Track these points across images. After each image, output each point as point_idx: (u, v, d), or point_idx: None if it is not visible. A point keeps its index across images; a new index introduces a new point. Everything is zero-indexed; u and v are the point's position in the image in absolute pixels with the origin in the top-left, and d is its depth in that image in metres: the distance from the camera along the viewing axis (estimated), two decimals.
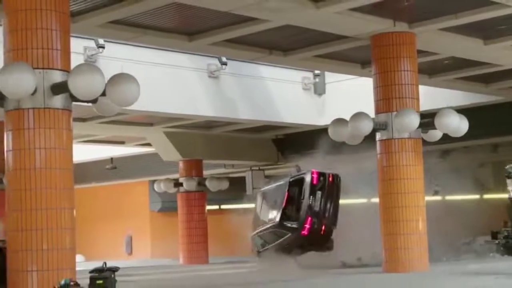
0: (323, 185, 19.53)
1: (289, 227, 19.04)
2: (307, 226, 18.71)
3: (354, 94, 22.53)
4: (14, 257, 11.86)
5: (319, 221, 19.01)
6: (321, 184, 19.43)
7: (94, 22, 15.45)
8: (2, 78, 11.64)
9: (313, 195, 19.15)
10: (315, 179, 19.30)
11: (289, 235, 19.05)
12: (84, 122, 22.94)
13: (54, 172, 11.95)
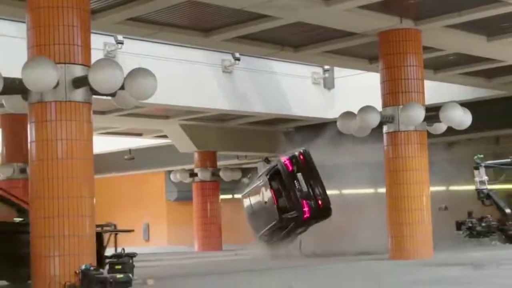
0: (298, 166, 19.10)
1: (290, 217, 18.90)
2: (306, 209, 18.59)
3: (362, 88, 22.52)
4: (37, 243, 11.92)
5: (313, 199, 18.82)
6: (297, 166, 19.01)
7: (113, 19, 15.48)
8: (26, 73, 11.69)
9: (295, 179, 18.90)
10: (289, 165, 18.98)
11: (294, 224, 18.98)
12: (103, 115, 23.01)
13: (75, 162, 11.99)
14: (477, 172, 13.35)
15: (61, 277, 11.51)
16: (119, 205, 36.28)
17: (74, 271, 11.53)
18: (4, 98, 12.71)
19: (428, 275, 12.55)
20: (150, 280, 12.30)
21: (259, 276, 14.06)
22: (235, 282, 12.89)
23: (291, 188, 18.61)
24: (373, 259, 16.87)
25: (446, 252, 17.65)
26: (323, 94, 24.98)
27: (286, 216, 18.82)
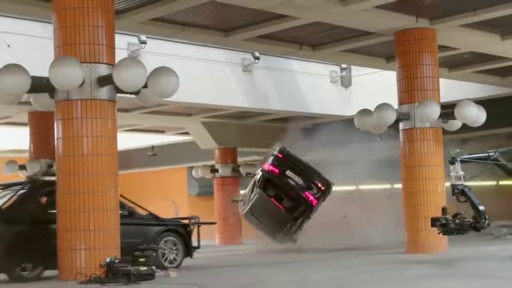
0: (283, 165, 18.32)
1: (301, 212, 18.66)
2: (311, 199, 18.38)
3: (378, 86, 22.43)
4: (63, 236, 11.96)
5: (313, 185, 18.58)
6: (281, 166, 18.27)
7: (136, 19, 15.48)
8: (53, 72, 11.73)
9: (287, 178, 18.65)
10: (274, 168, 18.11)
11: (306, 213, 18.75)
12: (127, 113, 23.05)
13: (100, 158, 12.02)
14: (453, 167, 12.65)
15: (87, 270, 11.55)
16: (142, 200, 36.28)
17: (99, 263, 11.56)
18: (32, 96, 12.76)
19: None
20: (173, 273, 12.28)
21: (277, 268, 14.02)
22: (255, 274, 12.85)
23: (288, 188, 18.18)
24: (388, 253, 16.78)
25: (460, 246, 17.53)
26: (341, 92, 24.89)
27: (297, 214, 18.64)
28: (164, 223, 15.03)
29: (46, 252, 12.45)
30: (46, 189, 13.54)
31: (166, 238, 14.69)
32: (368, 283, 10.74)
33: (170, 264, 14.43)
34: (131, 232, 13.58)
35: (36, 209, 13.38)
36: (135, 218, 14.46)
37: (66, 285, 11.25)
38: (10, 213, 12.91)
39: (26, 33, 17.18)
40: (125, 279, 11.11)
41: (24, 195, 13.45)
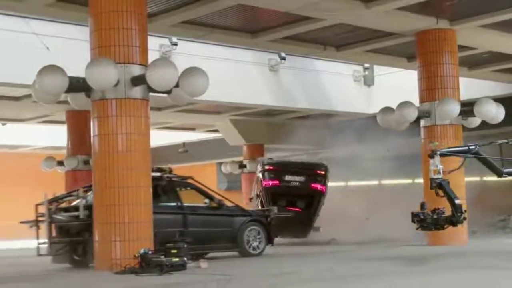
0: (277, 174, 18.53)
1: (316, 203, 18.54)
2: (319, 187, 18.33)
3: (400, 85, 22.31)
4: (100, 229, 12.05)
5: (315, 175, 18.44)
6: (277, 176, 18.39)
7: (168, 22, 15.54)
8: (89, 72, 11.81)
9: (289, 182, 18.49)
10: (273, 182, 18.13)
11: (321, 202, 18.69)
12: (160, 111, 23.16)
13: (133, 155, 12.08)
14: (432, 161, 12.05)
15: (122, 261, 11.62)
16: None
17: (134, 255, 11.63)
18: (70, 95, 12.85)
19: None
20: (204, 263, 12.31)
21: (306, 259, 14.00)
22: (285, 264, 12.85)
23: (295, 190, 18.14)
24: (408, 246, 16.70)
25: (480, 239, 17.41)
26: (363, 91, 24.80)
27: (314, 207, 18.59)
28: (249, 214, 15.82)
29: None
30: None
31: (251, 228, 15.35)
32: (393, 273, 10.71)
33: (253, 250, 15.24)
34: (221, 222, 14.90)
35: None
36: (224, 210, 15.16)
37: (103, 275, 11.33)
38: None
39: (64, 36, 17.31)
40: (158, 270, 11.16)
41: None
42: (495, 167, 12.51)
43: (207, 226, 14.70)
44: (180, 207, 14.42)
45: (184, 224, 14.19)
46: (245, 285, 9.81)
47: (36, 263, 14.13)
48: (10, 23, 16.71)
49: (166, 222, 13.70)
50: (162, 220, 13.39)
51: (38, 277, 11.51)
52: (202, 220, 14.70)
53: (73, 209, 13.74)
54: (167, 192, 14.51)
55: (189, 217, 14.35)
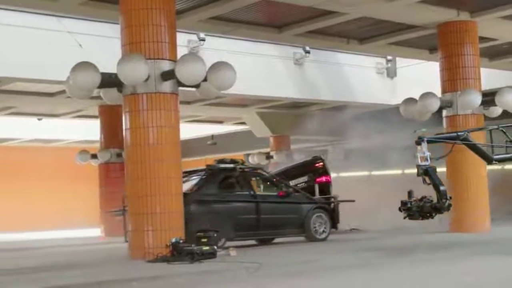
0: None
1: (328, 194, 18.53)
2: (324, 179, 18.27)
3: (422, 76, 22.15)
4: (133, 219, 12.12)
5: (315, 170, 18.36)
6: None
7: (195, 18, 15.53)
8: (121, 68, 11.85)
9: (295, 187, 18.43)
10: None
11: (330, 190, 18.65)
12: (189, 105, 23.21)
13: (164, 147, 12.12)
14: (419, 148, 11.50)
15: (154, 249, 11.67)
16: None
17: (165, 244, 11.67)
18: (102, 91, 12.90)
19: None
20: (233, 252, 12.32)
21: (330, 246, 13.98)
22: (310, 252, 12.82)
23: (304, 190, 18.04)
24: (431, 233, 16.58)
25: (502, 226, 17.25)
26: (386, 83, 24.63)
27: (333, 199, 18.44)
28: (315, 201, 16.30)
29: (226, 226, 14.17)
30: (222, 174, 15.03)
31: (317, 214, 15.91)
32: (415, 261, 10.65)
33: (319, 236, 15.80)
34: (289, 209, 15.56)
35: (216, 191, 14.76)
36: (292, 198, 15.75)
37: (136, 263, 11.38)
38: (197, 195, 14.30)
39: (96, 33, 17.36)
40: (189, 258, 11.19)
41: (205, 180, 14.82)
42: (485, 153, 11.94)
43: (277, 213, 15.31)
44: (252, 195, 15.13)
45: (257, 211, 14.90)
46: (273, 272, 9.81)
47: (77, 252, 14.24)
48: (44, 22, 16.80)
49: (241, 210, 14.75)
50: (237, 208, 14.68)
51: (71, 266, 11.58)
52: (273, 208, 15.30)
53: None
54: (240, 182, 15.24)
55: (261, 205, 15.01)
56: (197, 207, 14.00)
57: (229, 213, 14.48)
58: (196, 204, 14.06)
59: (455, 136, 12.01)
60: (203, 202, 14.26)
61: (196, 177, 15.09)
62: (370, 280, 8.77)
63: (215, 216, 14.18)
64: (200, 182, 14.70)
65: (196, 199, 14.14)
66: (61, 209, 32.32)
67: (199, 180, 14.80)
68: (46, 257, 14.24)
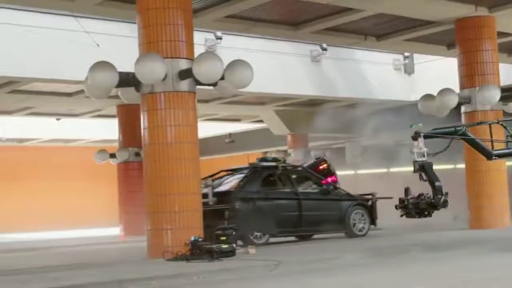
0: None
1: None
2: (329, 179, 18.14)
3: (440, 72, 22.02)
4: (152, 218, 12.13)
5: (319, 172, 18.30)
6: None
7: (212, 17, 15.54)
8: (138, 67, 11.87)
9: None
10: None
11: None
12: (206, 103, 23.22)
13: (182, 146, 12.13)
14: (416, 143, 11.12)
15: (173, 248, 11.68)
16: None
17: (184, 242, 11.68)
18: (120, 90, 12.93)
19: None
20: (252, 249, 12.31)
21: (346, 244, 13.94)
22: (326, 249, 12.79)
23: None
24: (453, 229, 16.49)
25: None
26: (404, 79, 24.51)
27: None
28: (354, 198, 16.36)
29: (270, 223, 14.65)
30: (265, 172, 15.38)
31: (356, 211, 16.10)
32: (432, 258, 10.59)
33: (359, 232, 15.99)
34: (330, 206, 15.78)
35: (259, 189, 15.04)
36: (332, 195, 15.98)
37: (156, 262, 11.40)
38: (242, 192, 14.65)
39: (113, 33, 17.41)
40: (208, 256, 11.20)
41: (249, 178, 15.15)
42: (485, 148, 11.61)
43: (318, 210, 15.54)
44: (294, 192, 15.40)
45: (299, 208, 15.18)
46: (291, 270, 9.79)
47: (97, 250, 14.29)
48: (62, 23, 16.86)
49: (284, 207, 15.09)
50: (280, 205, 15.04)
51: (92, 265, 11.63)
52: (314, 205, 15.55)
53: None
54: (282, 179, 15.54)
55: (302, 202, 15.29)
56: (241, 205, 14.40)
57: (272, 210, 14.84)
58: (240, 201, 14.45)
59: (453, 131, 11.68)
60: (247, 200, 14.60)
61: (239, 175, 15.46)
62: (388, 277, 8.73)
63: (258, 213, 14.62)
64: (243, 180, 15.06)
65: (240, 196, 14.51)
66: (80, 208, 32.49)
67: (243, 178, 15.16)
68: (67, 256, 14.31)
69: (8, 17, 16.31)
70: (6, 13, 16.23)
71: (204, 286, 8.78)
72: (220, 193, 14.60)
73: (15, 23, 16.42)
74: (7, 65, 16.51)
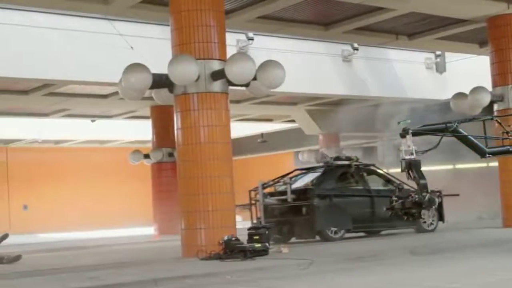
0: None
1: None
2: None
3: (472, 71, 21.80)
4: (186, 217, 12.16)
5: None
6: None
7: (244, 18, 15.55)
8: (171, 69, 11.91)
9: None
10: None
11: None
12: (239, 103, 23.24)
13: (215, 146, 12.14)
14: (404, 140, 10.58)
15: (207, 247, 11.69)
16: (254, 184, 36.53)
17: (218, 241, 11.69)
18: (154, 91, 12.98)
19: None
20: (285, 249, 12.29)
21: (382, 242, 13.86)
22: (360, 248, 12.72)
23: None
24: (486, 227, 16.32)
25: None
26: (436, 78, 24.31)
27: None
28: None
29: (346, 219, 15.13)
30: (339, 170, 15.85)
31: None
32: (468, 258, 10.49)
33: (428, 227, 16.20)
34: None
35: (334, 186, 15.53)
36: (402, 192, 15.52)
37: (190, 261, 11.43)
38: (319, 189, 15.11)
39: (146, 35, 17.53)
40: (241, 255, 11.20)
41: (324, 176, 15.62)
42: (478, 146, 11.19)
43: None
44: (367, 190, 15.79)
45: (372, 205, 15.50)
46: (324, 269, 9.76)
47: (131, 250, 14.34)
48: (96, 26, 17.02)
49: (358, 204, 15.46)
50: (354, 201, 15.45)
51: (127, 264, 11.70)
52: (386, 201, 15.24)
53: (278, 194, 15.33)
54: (356, 177, 15.98)
55: (375, 199, 15.57)
56: (319, 201, 14.92)
57: (348, 206, 15.26)
58: (318, 198, 14.95)
59: (443, 128, 11.20)
60: (324, 197, 15.07)
61: (313, 173, 15.95)
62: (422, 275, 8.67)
63: (335, 209, 15.12)
64: (320, 178, 15.51)
65: (318, 193, 15.00)
66: (115, 208, 32.75)
67: (319, 176, 15.62)
68: (103, 255, 14.42)
69: (45, 21, 16.53)
70: (44, 17, 16.46)
71: (237, 285, 8.78)
72: (298, 190, 15.08)
73: (51, 27, 16.64)
74: (43, 68, 16.72)
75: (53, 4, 14.67)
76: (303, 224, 14.88)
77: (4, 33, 16.18)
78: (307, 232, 14.94)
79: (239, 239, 11.80)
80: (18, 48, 16.29)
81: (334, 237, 14.85)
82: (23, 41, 16.37)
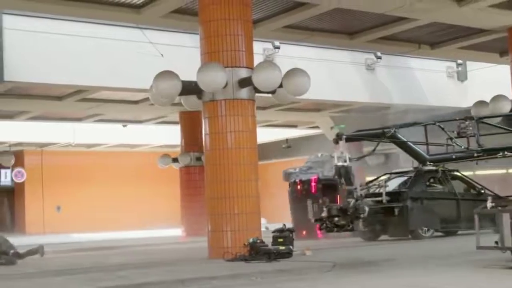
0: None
1: None
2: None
3: (493, 79, 21.62)
4: (213, 220, 12.18)
5: None
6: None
7: (271, 27, 15.58)
8: (200, 76, 11.94)
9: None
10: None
11: None
12: (265, 110, 23.27)
13: (242, 151, 12.14)
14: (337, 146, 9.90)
15: (232, 249, 11.69)
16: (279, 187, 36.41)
17: (243, 243, 11.69)
18: (183, 98, 13.03)
19: None
20: (308, 251, 12.26)
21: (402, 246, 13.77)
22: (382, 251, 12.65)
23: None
24: None
25: None
26: (457, 86, 24.16)
27: None
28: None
29: (435, 220, 15.66)
30: (428, 175, 16.18)
31: None
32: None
33: None
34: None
35: (424, 189, 16.01)
36: (484, 196, 15.81)
37: (216, 262, 11.45)
38: (411, 192, 15.56)
39: (176, 43, 17.61)
40: (266, 257, 11.19)
41: (415, 180, 15.99)
42: (418, 153, 10.72)
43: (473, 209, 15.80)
44: (453, 193, 16.18)
45: (458, 207, 15.94)
46: (345, 272, 9.72)
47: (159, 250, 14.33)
48: (128, 34, 17.16)
49: (445, 206, 15.87)
50: (442, 204, 15.86)
51: (155, 264, 11.74)
52: (469, 204, 15.79)
53: (372, 195, 15.61)
54: (442, 182, 16.33)
55: (460, 202, 16.03)
56: (412, 203, 15.41)
57: (436, 208, 15.74)
58: (411, 200, 15.43)
59: (380, 133, 10.63)
60: (415, 199, 15.57)
61: (402, 177, 16.44)
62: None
63: (425, 210, 15.63)
64: (411, 182, 15.93)
65: (411, 196, 15.48)
66: (144, 210, 32.90)
67: (410, 180, 16.01)
68: (131, 256, 14.48)
69: (80, 30, 16.69)
70: (80, 26, 16.61)
71: (261, 286, 8.77)
72: (392, 193, 15.55)
73: (86, 35, 16.79)
74: (77, 75, 16.88)
75: (88, 14, 14.81)
76: (397, 223, 15.38)
77: (41, 42, 16.36)
78: (401, 231, 15.48)
79: (264, 241, 11.79)
80: (54, 56, 16.46)
81: (424, 235, 15.44)
82: (59, 49, 16.55)
